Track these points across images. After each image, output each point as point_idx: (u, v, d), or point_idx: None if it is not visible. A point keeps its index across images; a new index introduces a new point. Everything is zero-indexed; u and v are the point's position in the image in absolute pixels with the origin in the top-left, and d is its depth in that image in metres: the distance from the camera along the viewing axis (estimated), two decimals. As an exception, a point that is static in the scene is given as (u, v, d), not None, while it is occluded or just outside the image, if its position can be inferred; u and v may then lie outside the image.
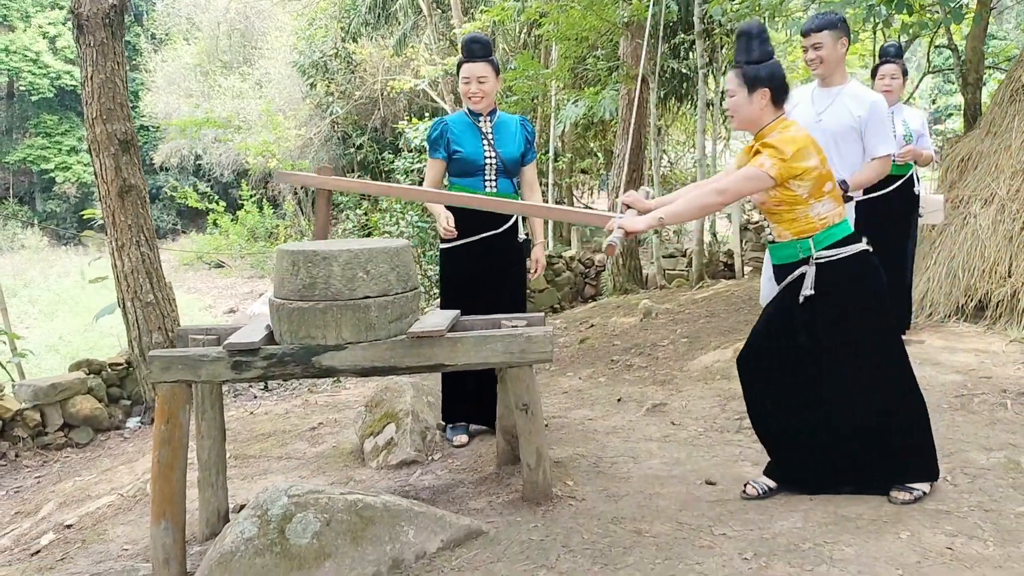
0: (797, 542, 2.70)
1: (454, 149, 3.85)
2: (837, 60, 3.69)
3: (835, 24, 3.66)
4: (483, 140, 3.88)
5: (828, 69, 3.71)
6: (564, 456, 3.64)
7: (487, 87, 3.84)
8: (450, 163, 3.89)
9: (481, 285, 3.84)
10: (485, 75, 3.83)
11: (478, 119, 3.92)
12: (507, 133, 3.97)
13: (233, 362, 2.88)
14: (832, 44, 3.66)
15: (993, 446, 3.48)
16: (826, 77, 3.76)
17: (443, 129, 3.89)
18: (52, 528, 3.78)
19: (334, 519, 2.67)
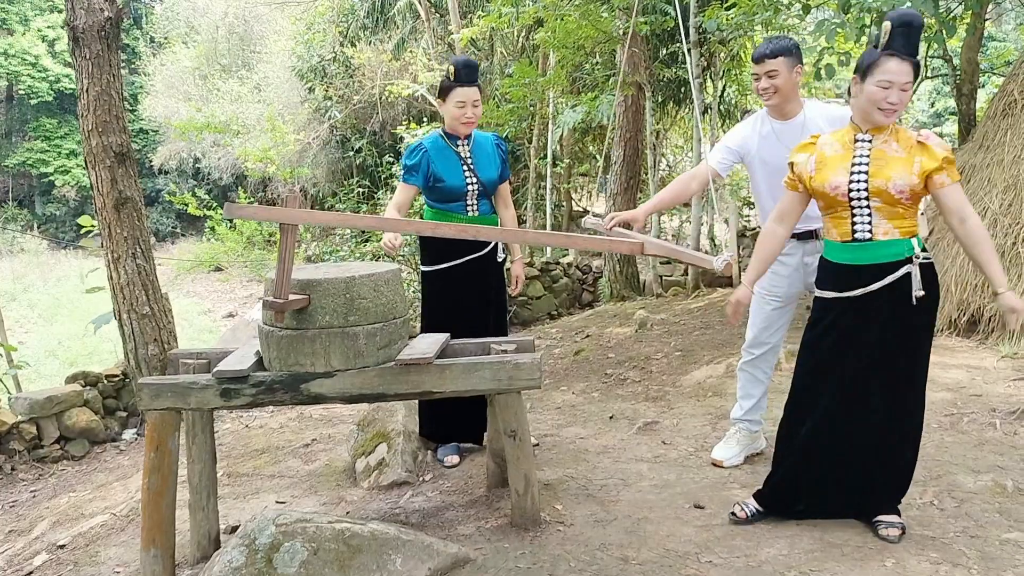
0: (782, 570, 2.71)
1: (435, 178, 3.81)
2: (792, 88, 3.39)
3: (790, 50, 3.37)
4: (463, 166, 3.86)
5: (783, 98, 3.40)
6: (554, 478, 3.65)
7: (479, 111, 3.85)
8: (430, 191, 3.85)
9: (465, 307, 3.84)
10: (478, 100, 3.82)
11: (456, 143, 3.87)
12: (484, 155, 3.94)
13: (222, 389, 2.90)
14: (787, 71, 3.35)
15: (981, 468, 3.49)
16: (781, 107, 3.44)
17: (423, 157, 3.82)
18: (45, 548, 3.80)
19: (322, 548, 2.68)
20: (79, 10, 6.17)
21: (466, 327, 3.62)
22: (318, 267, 3.24)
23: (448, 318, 3.75)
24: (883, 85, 2.70)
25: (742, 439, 3.74)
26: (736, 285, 10.71)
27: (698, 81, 9.67)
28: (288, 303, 2.76)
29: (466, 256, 3.84)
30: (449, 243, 3.74)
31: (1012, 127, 5.82)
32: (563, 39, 10.31)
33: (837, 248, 2.89)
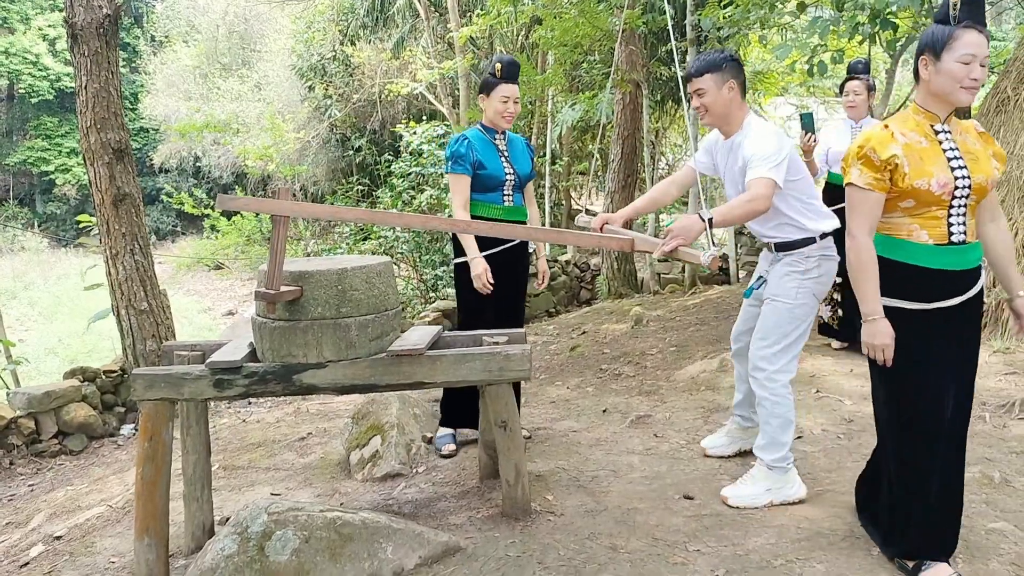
0: (769, 558, 2.74)
1: (479, 165, 3.94)
2: (723, 106, 3.18)
3: (719, 65, 3.16)
4: (501, 157, 4.02)
5: (714, 118, 3.22)
6: (546, 470, 3.68)
7: (518, 107, 4.04)
8: (473, 177, 3.96)
9: (499, 296, 3.95)
10: (519, 97, 4.02)
11: (494, 136, 4.04)
12: (517, 151, 4.14)
13: (215, 380, 2.93)
14: (716, 89, 3.16)
15: (969, 460, 3.48)
16: (719, 126, 3.28)
17: (468, 146, 3.95)
18: (41, 540, 3.82)
19: (313, 536, 2.71)
20: (78, 7, 6.21)
21: (501, 316, 3.87)
22: (310, 260, 3.27)
23: (483, 307, 3.92)
24: (965, 60, 2.40)
25: (732, 431, 3.75)
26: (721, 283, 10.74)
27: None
28: (280, 294, 2.79)
29: (499, 247, 3.94)
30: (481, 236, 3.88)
31: (1005, 123, 5.84)
32: (561, 37, 10.34)
33: (929, 252, 2.52)
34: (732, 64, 3.19)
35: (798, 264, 3.17)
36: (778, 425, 3.18)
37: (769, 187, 3.01)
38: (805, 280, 3.16)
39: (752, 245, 11.98)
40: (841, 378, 4.74)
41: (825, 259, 3.20)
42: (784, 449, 3.19)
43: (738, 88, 3.20)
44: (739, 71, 3.21)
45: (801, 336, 3.20)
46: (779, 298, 3.19)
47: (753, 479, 3.23)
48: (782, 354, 3.17)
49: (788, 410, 3.19)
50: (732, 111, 3.20)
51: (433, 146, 14.07)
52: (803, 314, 3.18)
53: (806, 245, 3.17)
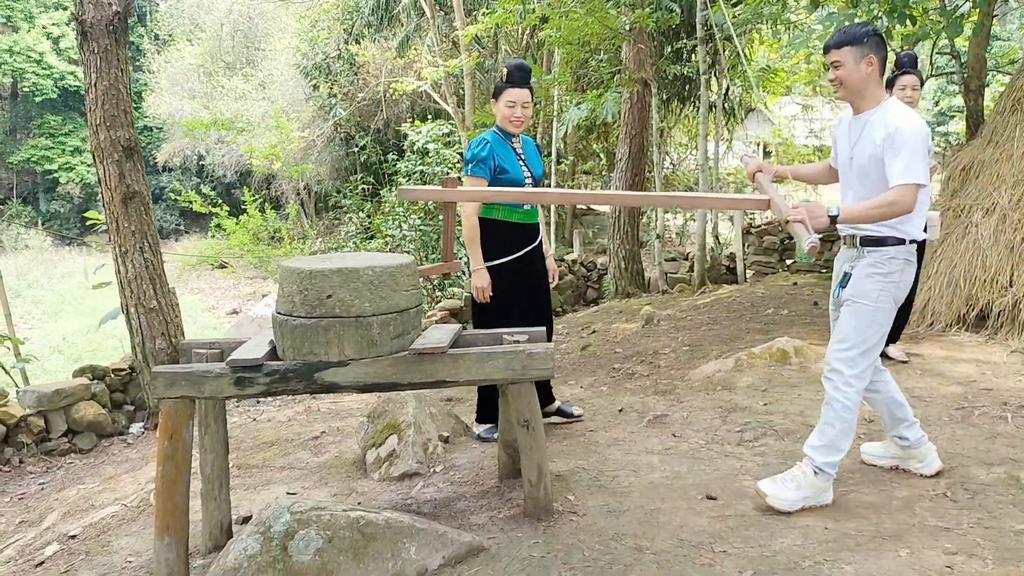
0: (797, 560, 2.71)
1: (500, 169, 3.98)
2: (859, 81, 3.08)
3: (860, 39, 3.05)
4: (519, 160, 4.08)
5: (848, 92, 3.12)
6: (565, 469, 3.65)
7: (528, 112, 4.04)
8: (493, 182, 3.99)
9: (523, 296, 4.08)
10: (528, 101, 4.02)
11: (511, 140, 4.08)
12: (531, 153, 4.21)
13: (236, 378, 2.90)
14: (853, 63, 3.06)
15: (993, 461, 3.49)
16: (850, 101, 3.17)
17: (489, 150, 3.99)
18: (56, 539, 3.80)
19: (336, 536, 2.68)
20: (87, 5, 6.18)
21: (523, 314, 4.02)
22: (333, 258, 3.24)
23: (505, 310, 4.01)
24: None
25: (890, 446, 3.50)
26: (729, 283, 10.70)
27: (704, 77, 9.66)
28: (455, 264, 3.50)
29: (521, 250, 4.02)
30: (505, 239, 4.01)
31: (1021, 123, 5.80)
32: (568, 36, 10.30)
33: None
34: (874, 39, 3.08)
35: (882, 266, 3.05)
36: (841, 430, 3.10)
37: (911, 192, 2.94)
38: (887, 282, 3.06)
39: (760, 245, 11.95)
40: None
41: (908, 264, 3.09)
42: (839, 455, 3.12)
43: (878, 64, 3.09)
44: (881, 47, 3.10)
45: (879, 342, 3.11)
46: (860, 299, 3.08)
47: (797, 484, 3.13)
48: (861, 359, 3.08)
49: (854, 416, 3.12)
50: (868, 87, 3.10)
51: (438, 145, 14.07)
52: (883, 318, 3.08)
53: (894, 244, 3.05)
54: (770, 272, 10.92)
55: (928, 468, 3.36)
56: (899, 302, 3.14)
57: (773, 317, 7.02)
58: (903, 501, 3.15)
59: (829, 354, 3.17)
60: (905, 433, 3.35)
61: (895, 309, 3.14)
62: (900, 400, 3.32)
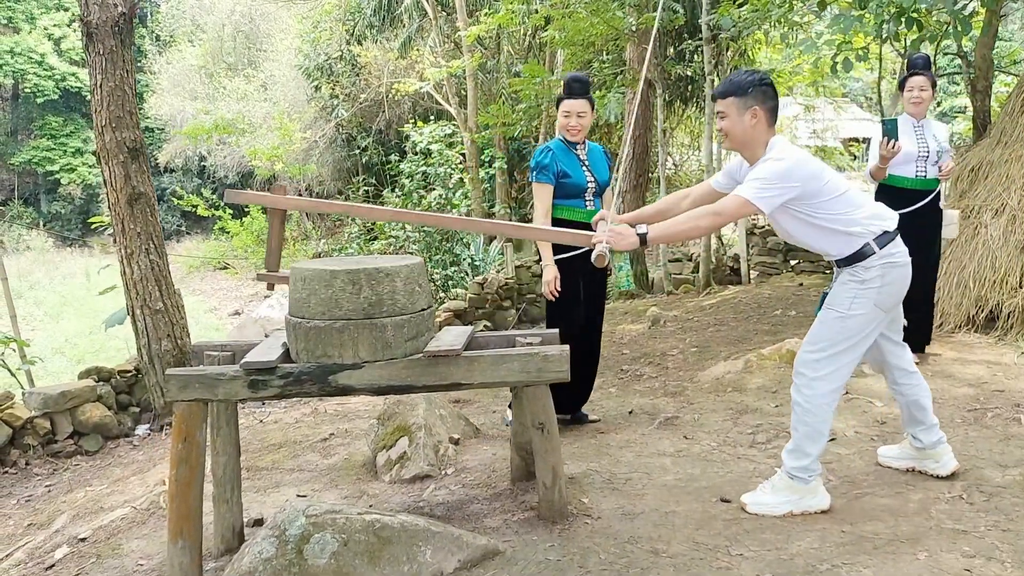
0: (815, 563, 2.69)
1: (563, 174, 4.17)
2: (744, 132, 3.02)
3: (744, 89, 2.99)
4: (582, 166, 4.23)
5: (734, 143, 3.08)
6: (578, 472, 3.63)
7: (585, 121, 4.23)
8: (556, 187, 4.19)
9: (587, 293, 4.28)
10: (584, 111, 4.21)
11: (575, 147, 4.27)
12: (597, 160, 4.35)
13: (250, 381, 2.89)
14: (737, 114, 3.01)
15: (1008, 463, 3.47)
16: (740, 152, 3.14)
17: (551, 157, 4.19)
18: (66, 541, 3.78)
19: (352, 539, 2.67)
20: (93, 6, 6.16)
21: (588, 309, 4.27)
22: (346, 260, 3.23)
23: (574, 303, 4.22)
24: None
25: (906, 447, 3.47)
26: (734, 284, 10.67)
27: (710, 78, 9.65)
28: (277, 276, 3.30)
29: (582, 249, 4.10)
30: None
31: (1030, 123, 5.80)
32: (572, 36, 10.29)
33: None
34: (760, 89, 2.99)
35: (858, 274, 3.01)
36: (805, 434, 3.06)
37: (739, 206, 2.92)
38: (864, 290, 3.00)
39: (763, 246, 11.93)
40: (871, 380, 4.68)
41: (890, 267, 3.00)
42: (807, 460, 3.07)
43: (764, 114, 2.99)
44: (768, 97, 3.00)
45: (853, 347, 3.04)
46: (833, 306, 3.06)
47: (774, 487, 3.14)
48: (826, 362, 3.04)
49: (821, 422, 3.05)
50: (754, 138, 3.02)
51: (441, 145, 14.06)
52: (856, 325, 3.01)
53: (865, 257, 2.99)
54: (775, 273, 10.89)
55: (944, 468, 3.34)
56: (887, 307, 3.06)
57: (781, 318, 7.00)
58: (919, 504, 3.14)
59: (797, 356, 3.16)
60: (920, 435, 3.33)
61: (883, 314, 3.06)
62: (923, 404, 3.28)
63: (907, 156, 4.87)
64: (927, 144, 4.90)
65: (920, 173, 4.91)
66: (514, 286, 10.94)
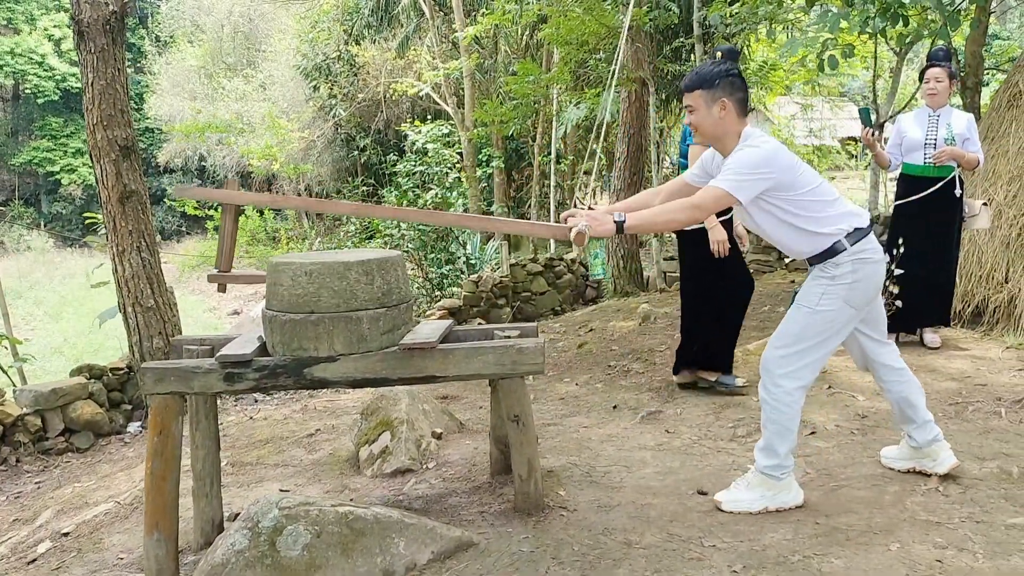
0: (786, 554, 2.70)
1: None
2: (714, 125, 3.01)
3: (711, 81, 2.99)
4: None
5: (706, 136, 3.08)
6: (557, 465, 3.65)
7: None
8: None
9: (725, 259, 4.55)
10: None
11: None
12: None
13: (225, 374, 2.90)
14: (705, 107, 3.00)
15: (986, 456, 3.48)
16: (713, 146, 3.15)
17: None
18: (49, 536, 3.80)
19: (325, 531, 2.68)
20: (84, 4, 6.19)
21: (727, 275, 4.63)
22: (323, 254, 3.24)
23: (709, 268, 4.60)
24: None
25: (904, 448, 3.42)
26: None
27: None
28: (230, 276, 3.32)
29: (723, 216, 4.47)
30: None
31: (1017, 119, 5.80)
32: (567, 34, 10.31)
33: None
34: (728, 80, 2.98)
35: (828, 270, 2.99)
36: (774, 431, 3.04)
37: (718, 198, 2.89)
38: (833, 286, 2.97)
39: (758, 243, 11.94)
40: (853, 374, 4.69)
41: (861, 263, 2.96)
42: (777, 458, 3.05)
43: (733, 106, 2.98)
44: (736, 88, 2.99)
45: (820, 344, 3.01)
46: (801, 303, 3.04)
47: (748, 484, 3.12)
48: (793, 359, 3.01)
49: (789, 419, 3.03)
50: (725, 130, 3.00)
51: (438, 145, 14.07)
52: (824, 321, 2.98)
53: (836, 254, 2.97)
54: (768, 271, 10.90)
55: (941, 466, 3.27)
56: (858, 304, 3.01)
57: (769, 315, 7.01)
58: (894, 496, 3.15)
59: (764, 352, 3.12)
60: (913, 434, 3.29)
61: (852, 310, 3.01)
62: (913, 401, 3.23)
63: (914, 144, 5.03)
64: (936, 133, 4.96)
65: (928, 161, 5.02)
66: (509, 284, 10.95)
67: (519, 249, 16.50)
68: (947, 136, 4.95)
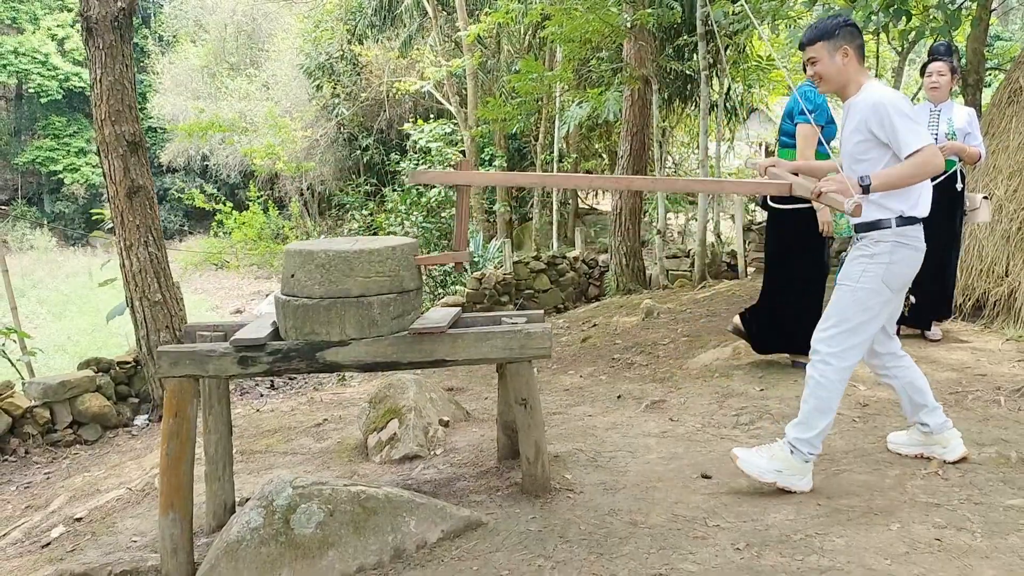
0: (789, 533, 2.76)
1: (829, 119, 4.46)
2: (837, 72, 3.13)
3: (831, 33, 3.11)
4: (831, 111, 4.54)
5: (830, 85, 3.20)
6: (563, 451, 3.70)
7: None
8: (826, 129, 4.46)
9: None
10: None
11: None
12: None
13: (240, 357, 2.96)
14: (828, 57, 3.12)
15: (985, 441, 3.53)
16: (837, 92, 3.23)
17: (822, 99, 4.45)
18: (62, 521, 3.86)
19: (338, 510, 2.74)
20: (93, 1, 6.26)
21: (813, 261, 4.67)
22: (337, 241, 3.30)
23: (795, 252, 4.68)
24: None
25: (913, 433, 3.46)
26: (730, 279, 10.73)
27: (705, 74, 9.71)
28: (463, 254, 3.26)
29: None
30: None
31: (1017, 114, 5.86)
32: (570, 32, 10.37)
33: None
34: (846, 29, 3.11)
35: (868, 248, 3.06)
36: (814, 407, 3.10)
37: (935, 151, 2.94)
38: (872, 264, 3.04)
39: (760, 241, 11.99)
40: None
41: (900, 245, 3.04)
42: (811, 432, 3.10)
43: (854, 53, 3.11)
44: (855, 35, 3.13)
45: (864, 324, 3.07)
46: (844, 281, 3.11)
47: (771, 453, 3.17)
48: (840, 338, 3.07)
49: (831, 397, 3.09)
50: (848, 76, 3.13)
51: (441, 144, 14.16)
52: (866, 298, 3.05)
53: (880, 228, 3.04)
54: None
55: (952, 454, 3.32)
56: (893, 286, 3.08)
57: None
58: (895, 479, 3.20)
59: (814, 333, 3.19)
60: (925, 419, 3.32)
61: (888, 292, 3.08)
62: (919, 386, 3.30)
63: None
64: (938, 128, 5.02)
65: None
66: (512, 281, 11.02)
67: (522, 248, 16.57)
68: (948, 131, 5.01)
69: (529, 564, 2.63)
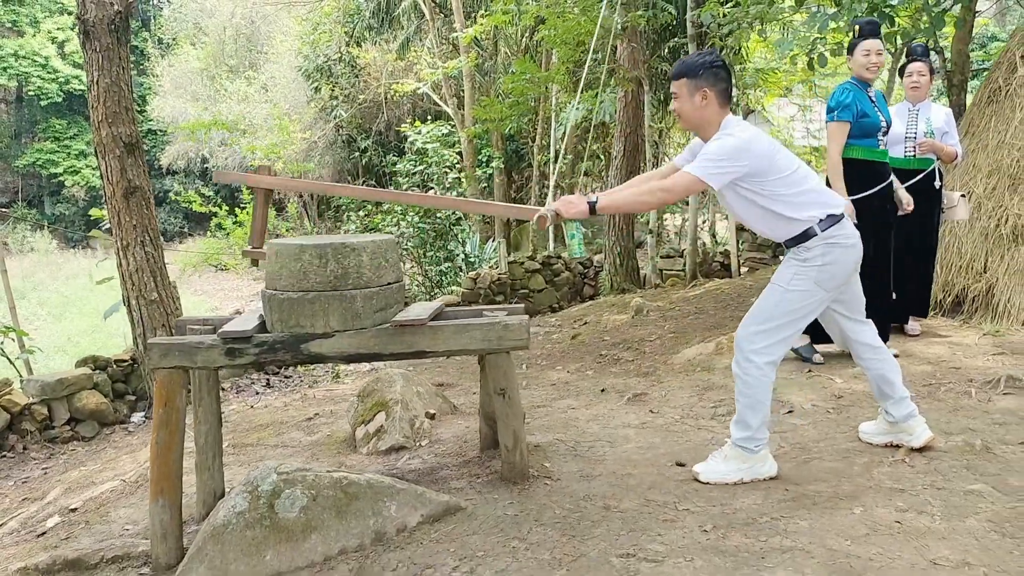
0: (755, 516, 2.86)
1: (862, 114, 4.52)
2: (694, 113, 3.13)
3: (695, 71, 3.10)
4: (874, 106, 4.60)
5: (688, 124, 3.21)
6: (544, 441, 3.81)
7: (882, 59, 4.53)
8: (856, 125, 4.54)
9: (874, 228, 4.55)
10: (880, 50, 4.55)
11: (866, 88, 4.63)
12: (881, 101, 4.70)
13: (227, 349, 3.07)
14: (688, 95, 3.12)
15: (953, 431, 3.64)
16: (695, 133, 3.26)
17: (853, 95, 4.54)
18: (57, 511, 3.96)
19: (320, 495, 2.85)
20: (90, 4, 6.37)
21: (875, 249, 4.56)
22: (319, 238, 3.41)
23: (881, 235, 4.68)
24: None
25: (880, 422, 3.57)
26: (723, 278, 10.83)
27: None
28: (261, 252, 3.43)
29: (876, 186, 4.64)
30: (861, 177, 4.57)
31: (996, 113, 5.96)
32: (564, 35, 10.48)
33: None
34: (711, 71, 3.09)
35: (800, 253, 3.14)
36: (746, 405, 3.19)
37: (689, 183, 3.06)
38: (804, 267, 3.12)
39: (754, 241, 12.10)
40: (831, 357, 4.86)
41: (831, 247, 3.10)
42: (750, 431, 3.19)
43: (715, 96, 3.09)
44: (718, 78, 3.10)
45: (790, 323, 3.15)
46: (775, 282, 3.20)
47: (724, 457, 3.26)
48: (764, 336, 3.15)
49: (760, 393, 3.16)
50: (706, 119, 3.13)
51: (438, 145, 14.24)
52: (795, 300, 3.12)
53: (808, 238, 3.11)
54: (764, 267, 11.07)
55: (918, 440, 3.41)
56: (828, 286, 3.14)
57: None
58: (863, 467, 3.31)
59: (738, 330, 3.26)
60: (890, 409, 3.43)
61: (823, 292, 3.15)
62: (890, 379, 3.39)
63: (895, 137, 5.15)
64: (916, 127, 5.13)
65: (909, 153, 5.21)
66: (507, 281, 11.12)
67: (519, 248, 16.67)
68: (926, 130, 5.13)
69: (504, 546, 2.74)
